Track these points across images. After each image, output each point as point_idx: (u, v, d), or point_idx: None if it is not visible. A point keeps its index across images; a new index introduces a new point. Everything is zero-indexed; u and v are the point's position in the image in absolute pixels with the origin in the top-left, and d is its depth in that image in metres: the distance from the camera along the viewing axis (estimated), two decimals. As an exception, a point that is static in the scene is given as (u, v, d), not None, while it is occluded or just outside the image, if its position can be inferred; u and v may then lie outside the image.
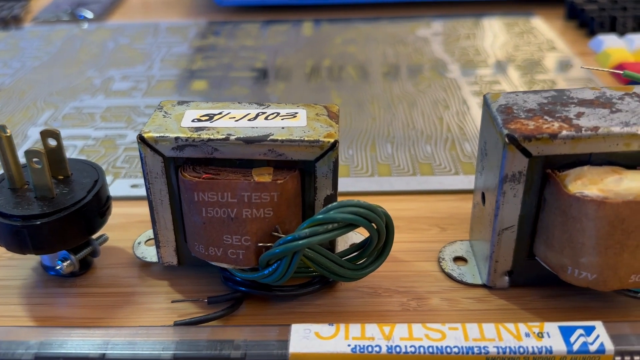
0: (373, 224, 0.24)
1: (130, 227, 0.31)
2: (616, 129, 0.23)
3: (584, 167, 0.23)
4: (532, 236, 0.25)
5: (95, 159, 0.38)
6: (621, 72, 0.28)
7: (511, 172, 0.23)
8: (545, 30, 0.57)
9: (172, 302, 0.27)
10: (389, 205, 0.33)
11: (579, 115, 0.23)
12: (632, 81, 0.32)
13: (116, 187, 0.35)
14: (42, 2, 0.69)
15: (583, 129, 0.23)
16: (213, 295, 0.27)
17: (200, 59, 0.53)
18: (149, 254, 0.29)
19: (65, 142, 0.40)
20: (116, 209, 0.30)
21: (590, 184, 0.22)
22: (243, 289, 0.26)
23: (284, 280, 0.25)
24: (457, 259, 0.29)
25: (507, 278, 0.27)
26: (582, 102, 0.24)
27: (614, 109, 0.24)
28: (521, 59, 0.51)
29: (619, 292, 0.25)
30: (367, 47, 0.54)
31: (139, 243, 0.30)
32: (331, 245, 0.27)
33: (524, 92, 0.25)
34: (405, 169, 0.36)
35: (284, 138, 0.24)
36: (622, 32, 0.54)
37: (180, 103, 0.27)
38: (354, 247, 0.26)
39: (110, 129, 0.42)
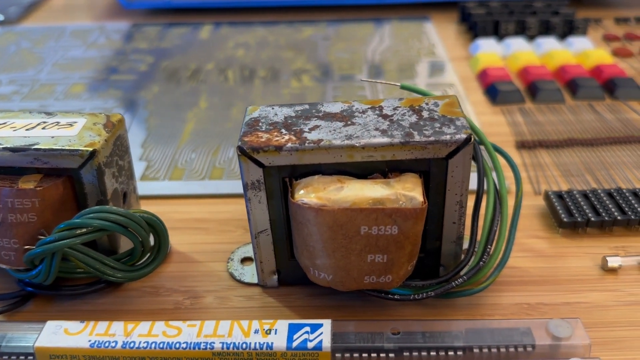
0: (130, 230, 0.26)
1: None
2: (337, 142, 0.24)
3: (315, 177, 0.25)
4: (291, 239, 0.27)
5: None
6: (398, 84, 0.30)
7: (250, 180, 0.25)
8: (433, 34, 0.58)
9: (-39, 299, 0.29)
10: (205, 208, 0.35)
11: (313, 128, 0.25)
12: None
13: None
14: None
15: (307, 142, 0.24)
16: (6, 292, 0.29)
17: (90, 62, 0.54)
18: (-44, 254, 0.31)
19: None
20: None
21: (312, 192, 0.24)
22: (29, 288, 0.28)
23: (51, 279, 0.26)
24: (246, 260, 0.31)
25: (275, 277, 0.28)
26: (326, 116, 0.26)
27: (349, 123, 0.26)
28: (395, 64, 0.52)
29: (372, 292, 0.27)
30: (256, 51, 0.56)
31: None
32: (113, 247, 0.29)
33: (280, 106, 0.27)
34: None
35: (46, 147, 0.26)
36: (502, 36, 0.56)
37: (-24, 113, 0.29)
38: (129, 251, 0.28)
39: (-24, 132, 0.43)
